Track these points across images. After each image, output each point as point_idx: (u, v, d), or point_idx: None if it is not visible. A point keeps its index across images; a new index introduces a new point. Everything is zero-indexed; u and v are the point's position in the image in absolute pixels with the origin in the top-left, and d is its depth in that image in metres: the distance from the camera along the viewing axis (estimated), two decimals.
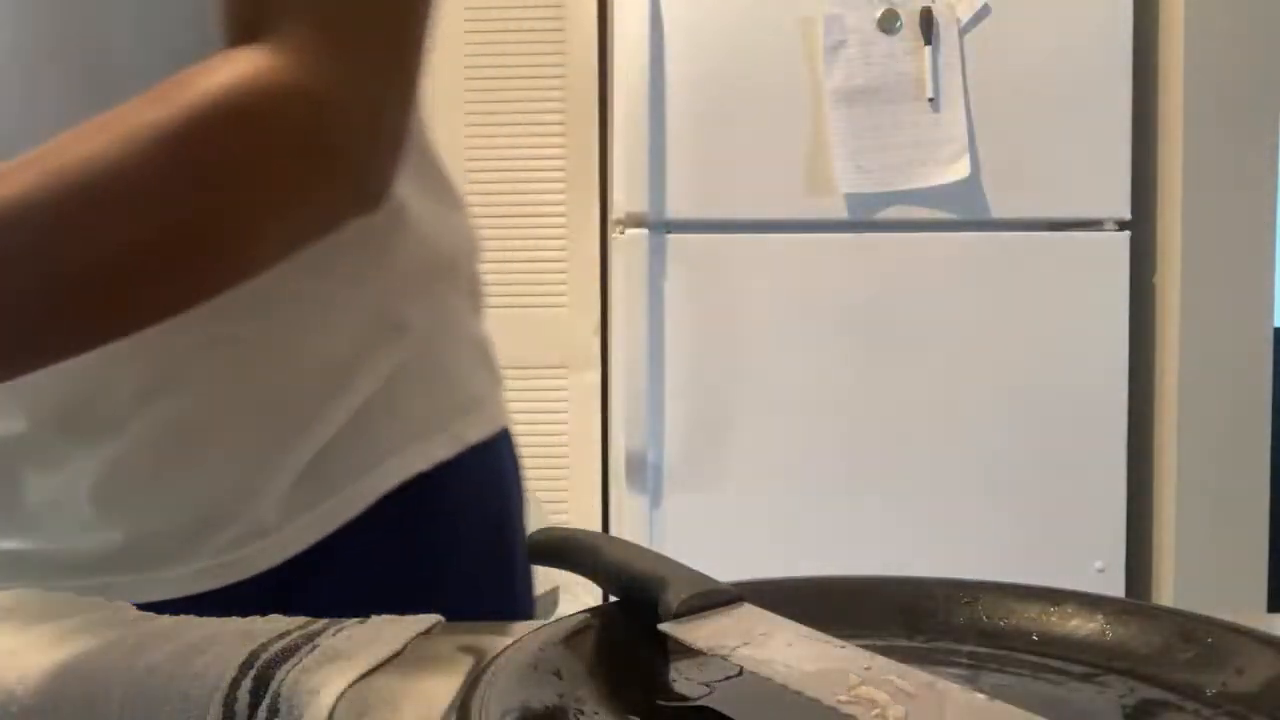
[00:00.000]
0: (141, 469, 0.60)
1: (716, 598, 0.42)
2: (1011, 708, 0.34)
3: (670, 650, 0.43)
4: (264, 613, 0.51)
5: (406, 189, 0.62)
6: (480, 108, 2.37)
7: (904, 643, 0.45)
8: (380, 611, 0.50)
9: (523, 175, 2.37)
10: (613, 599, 0.45)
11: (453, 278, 0.69)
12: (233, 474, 0.60)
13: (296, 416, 0.61)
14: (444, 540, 0.67)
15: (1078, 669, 0.42)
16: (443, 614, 0.51)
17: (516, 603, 0.73)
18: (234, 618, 0.49)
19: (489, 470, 0.71)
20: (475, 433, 0.69)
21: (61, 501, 0.60)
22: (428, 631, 0.48)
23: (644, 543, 1.82)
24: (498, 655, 0.39)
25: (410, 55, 0.54)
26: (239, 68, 0.49)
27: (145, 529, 0.60)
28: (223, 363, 0.59)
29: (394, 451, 0.64)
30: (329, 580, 0.63)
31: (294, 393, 0.61)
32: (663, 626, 0.40)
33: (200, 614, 0.51)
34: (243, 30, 0.51)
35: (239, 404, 0.60)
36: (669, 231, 1.96)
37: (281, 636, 0.45)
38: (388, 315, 0.64)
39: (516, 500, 0.74)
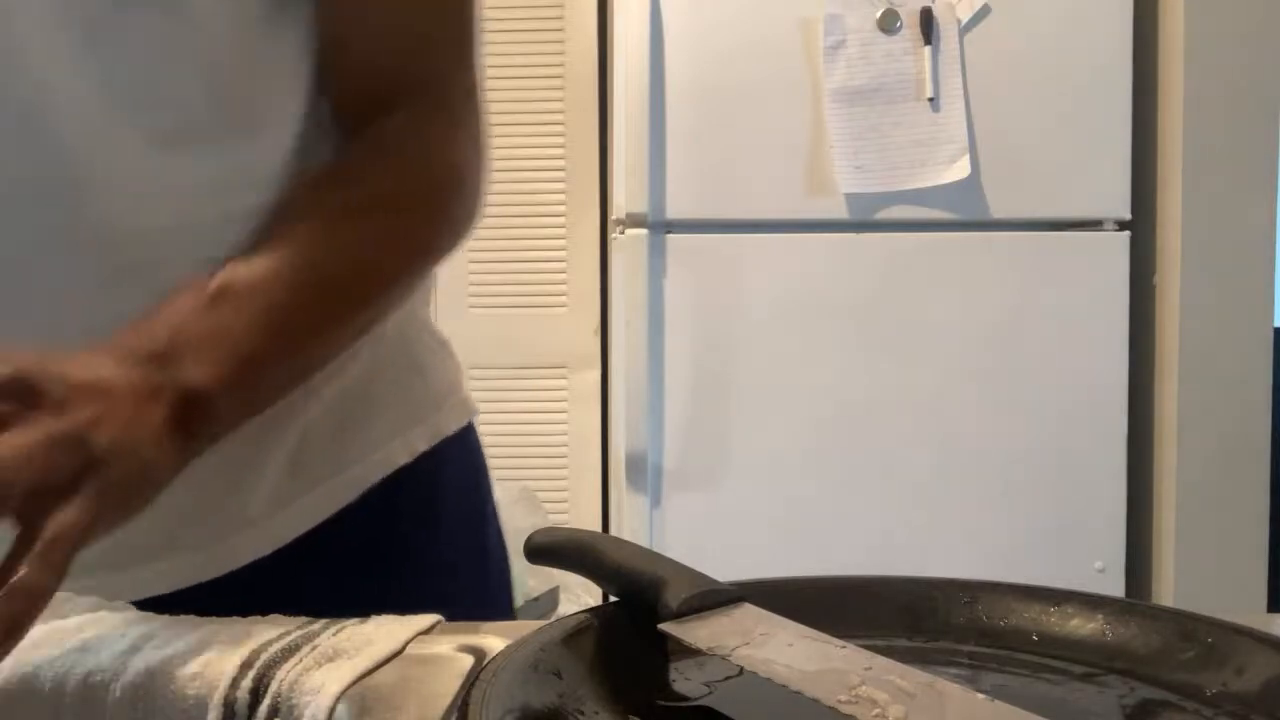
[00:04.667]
0: None
1: (716, 598, 0.42)
2: (1011, 708, 0.34)
3: (670, 650, 0.43)
4: (256, 606, 0.51)
5: None
6: None
7: (904, 643, 0.45)
8: (367, 598, 0.51)
9: (523, 175, 2.37)
10: (613, 599, 0.45)
11: None
12: (213, 469, 0.60)
13: (274, 413, 0.61)
14: (425, 529, 0.69)
15: (1078, 669, 0.42)
16: (424, 598, 0.52)
17: (491, 586, 0.75)
18: (234, 618, 0.49)
19: (463, 459, 0.73)
20: (451, 423, 0.71)
21: None
22: (428, 631, 0.48)
23: (644, 543, 1.83)
24: (498, 655, 0.39)
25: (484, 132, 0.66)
26: (431, 148, 0.61)
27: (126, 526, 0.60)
28: None
29: (376, 445, 0.66)
30: (316, 571, 0.64)
31: None
32: (663, 626, 0.40)
33: (191, 610, 0.51)
34: (369, 106, 0.61)
35: None
36: (669, 231, 1.96)
37: (281, 636, 0.45)
38: None
39: (487, 488, 0.76)
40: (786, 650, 0.38)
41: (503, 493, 2.38)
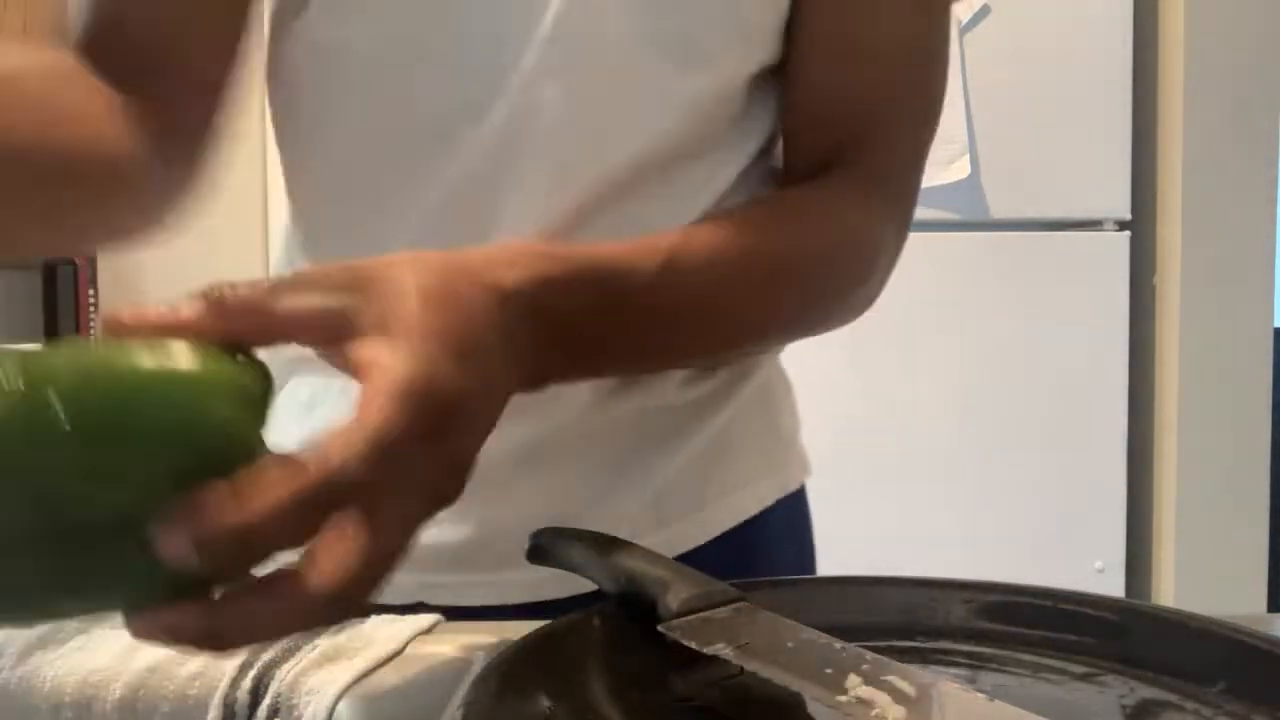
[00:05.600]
0: (497, 472, 0.59)
1: (716, 598, 0.42)
2: (1011, 708, 0.34)
3: (670, 650, 0.43)
4: None
5: None
6: None
7: (904, 643, 0.45)
8: None
9: None
10: (613, 599, 0.45)
11: None
12: (581, 490, 0.61)
13: (647, 448, 0.62)
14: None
15: (1078, 669, 0.42)
16: None
17: None
18: None
19: (798, 516, 0.72)
20: (795, 478, 0.71)
21: None
22: (428, 631, 0.48)
23: None
24: (498, 655, 0.39)
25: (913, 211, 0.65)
26: (853, 215, 0.60)
27: (494, 527, 0.60)
28: (585, 392, 0.59)
29: (730, 490, 0.65)
30: None
31: (647, 426, 0.62)
32: (663, 627, 0.40)
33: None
34: (815, 165, 0.61)
35: (595, 430, 0.61)
36: None
37: None
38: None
39: (811, 547, 0.75)
40: (786, 650, 0.38)
41: None
